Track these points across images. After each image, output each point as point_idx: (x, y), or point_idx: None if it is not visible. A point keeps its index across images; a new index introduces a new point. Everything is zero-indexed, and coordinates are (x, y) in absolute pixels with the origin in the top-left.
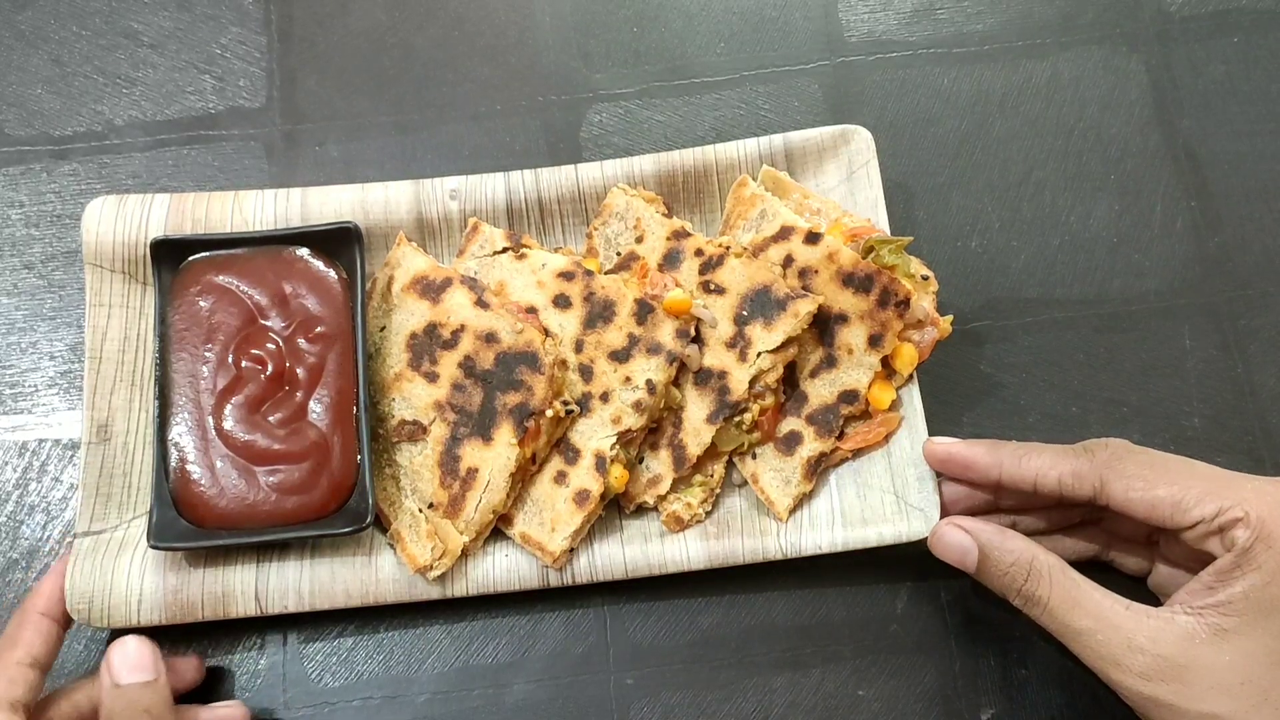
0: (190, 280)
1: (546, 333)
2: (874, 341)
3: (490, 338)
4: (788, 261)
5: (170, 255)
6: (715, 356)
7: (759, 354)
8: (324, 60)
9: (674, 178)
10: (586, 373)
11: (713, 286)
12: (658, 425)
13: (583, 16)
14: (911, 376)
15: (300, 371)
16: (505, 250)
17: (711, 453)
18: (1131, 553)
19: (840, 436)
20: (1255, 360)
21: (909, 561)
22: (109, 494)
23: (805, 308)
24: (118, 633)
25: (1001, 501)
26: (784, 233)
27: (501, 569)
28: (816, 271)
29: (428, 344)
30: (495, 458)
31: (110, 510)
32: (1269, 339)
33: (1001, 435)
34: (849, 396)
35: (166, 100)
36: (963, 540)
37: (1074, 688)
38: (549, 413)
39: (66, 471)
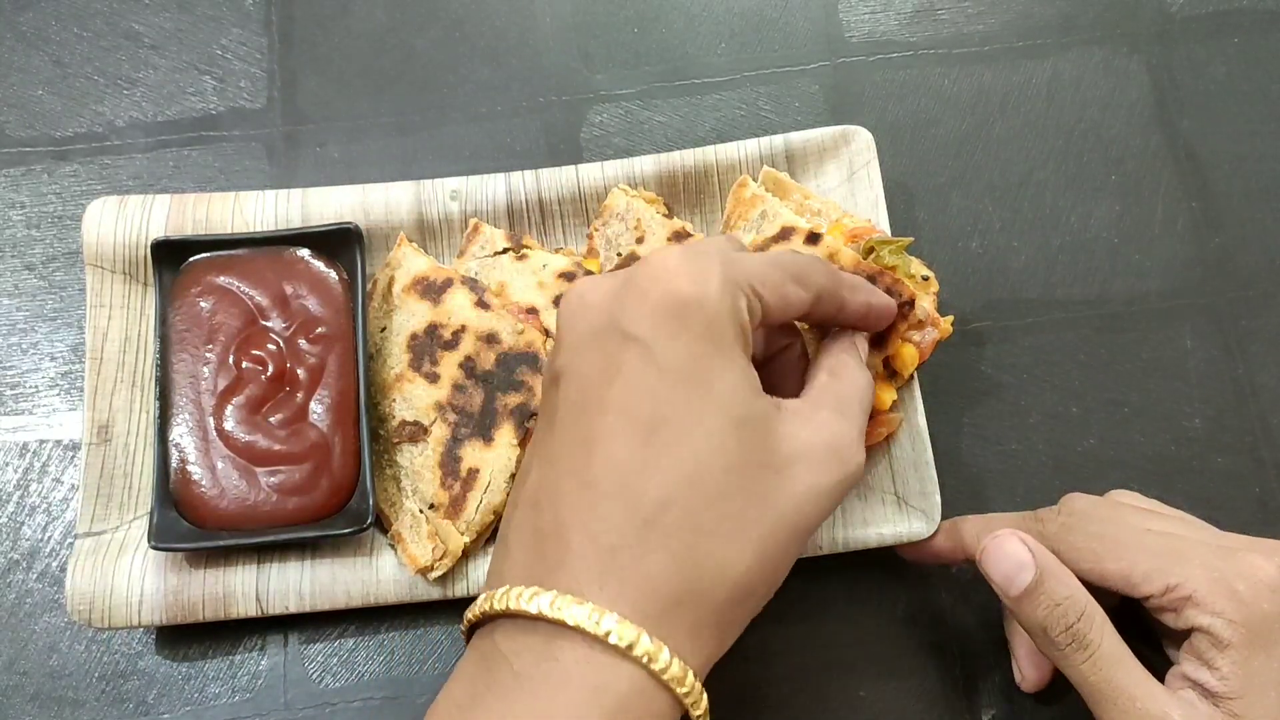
0: (191, 281)
1: (547, 334)
2: (875, 342)
3: (491, 338)
4: None
5: (171, 256)
6: None
7: None
8: (325, 61)
9: (674, 178)
10: None
11: None
12: None
13: (583, 17)
14: (912, 377)
15: (301, 372)
16: (506, 251)
17: None
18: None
19: None
20: (1256, 361)
21: (910, 563)
22: (110, 495)
23: None
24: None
25: None
26: (784, 233)
27: None
28: None
29: (428, 345)
30: (496, 458)
31: (111, 511)
32: (1270, 339)
33: (1002, 435)
34: None
35: (167, 101)
36: (1023, 556)
37: (1074, 690)
38: None
39: (67, 472)
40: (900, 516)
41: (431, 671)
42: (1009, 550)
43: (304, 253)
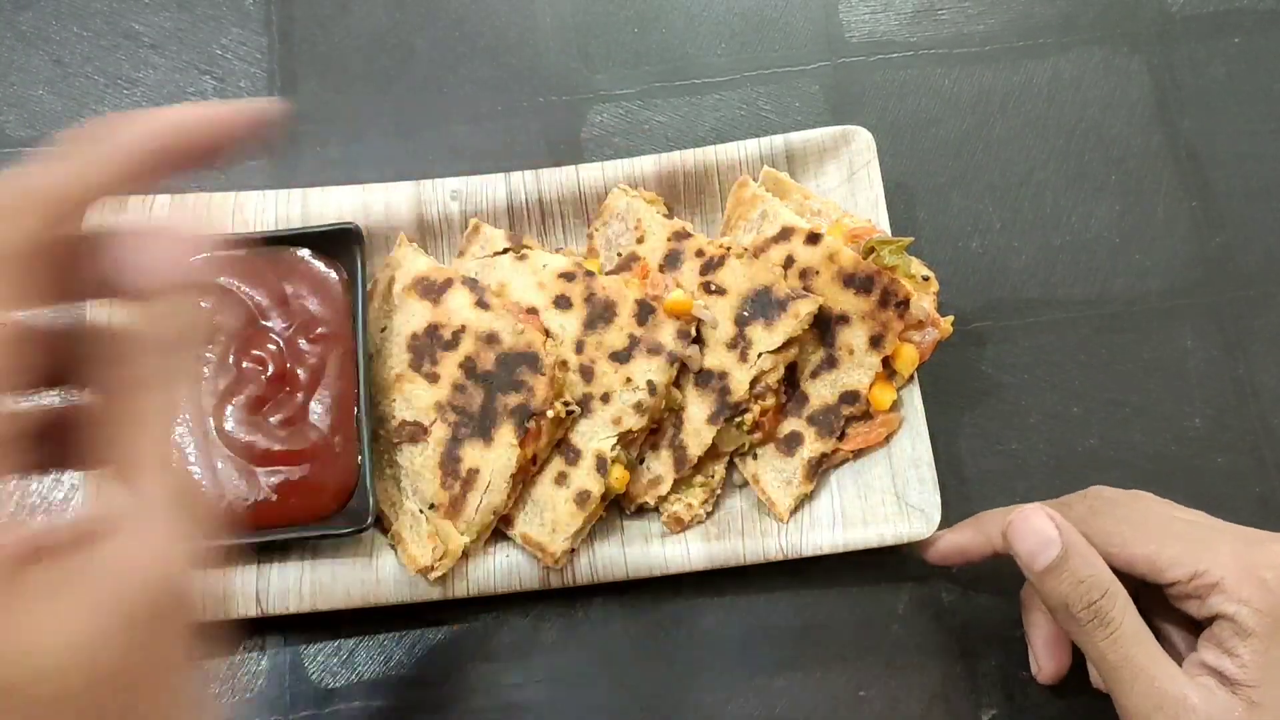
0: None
1: (547, 333)
2: (875, 342)
3: (491, 338)
4: (788, 262)
5: None
6: (716, 357)
7: (759, 355)
8: (325, 61)
9: (675, 178)
10: (587, 373)
11: (713, 287)
12: (658, 426)
13: (584, 17)
14: (912, 377)
15: (301, 372)
16: (506, 251)
17: (712, 453)
18: None
19: (841, 437)
20: (1257, 360)
21: (910, 562)
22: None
23: (806, 308)
24: None
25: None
26: (785, 233)
27: (502, 570)
28: (817, 272)
29: (429, 345)
30: (496, 458)
31: None
32: (1271, 339)
33: (1002, 435)
34: (850, 397)
35: (167, 101)
36: (1049, 531)
37: (1073, 690)
38: (550, 413)
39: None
40: (900, 516)
41: (431, 671)
42: (1035, 525)
43: (304, 253)
